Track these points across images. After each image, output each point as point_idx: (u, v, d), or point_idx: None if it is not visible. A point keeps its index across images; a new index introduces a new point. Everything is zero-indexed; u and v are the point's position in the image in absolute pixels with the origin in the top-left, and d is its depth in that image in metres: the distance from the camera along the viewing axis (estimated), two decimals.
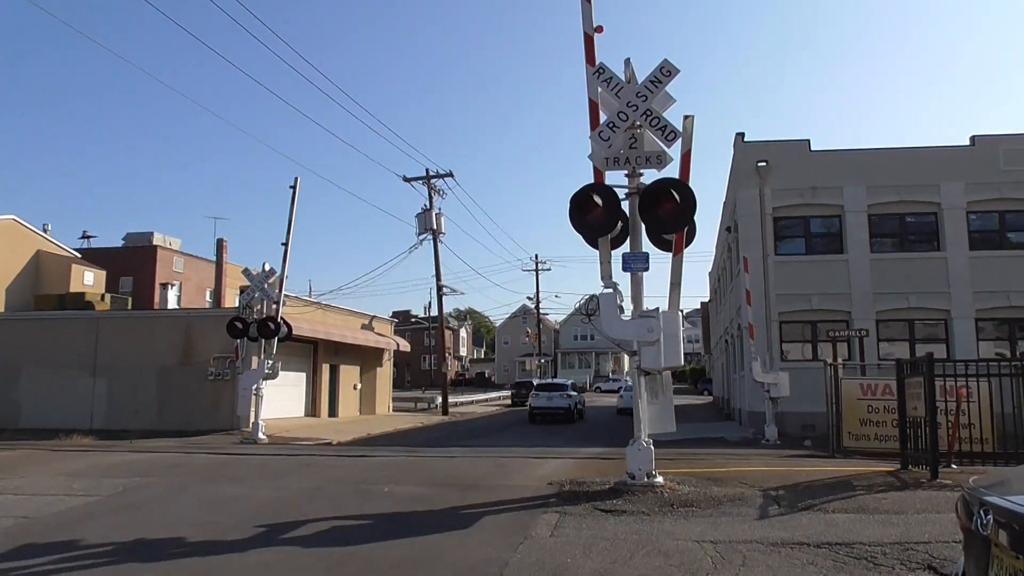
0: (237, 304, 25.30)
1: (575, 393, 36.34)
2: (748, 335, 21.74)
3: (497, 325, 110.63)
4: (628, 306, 9.76)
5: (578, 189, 9.19)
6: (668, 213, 9.19)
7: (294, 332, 28.97)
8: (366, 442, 25.21)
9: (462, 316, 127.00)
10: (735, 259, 28.64)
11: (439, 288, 40.89)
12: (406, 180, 40.66)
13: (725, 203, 32.71)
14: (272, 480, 11.64)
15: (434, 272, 40.84)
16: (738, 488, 9.53)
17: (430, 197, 40.30)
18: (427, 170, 40.51)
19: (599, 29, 10.13)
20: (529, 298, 70.26)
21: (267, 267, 24.12)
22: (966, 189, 24.39)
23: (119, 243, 56.72)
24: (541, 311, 71.19)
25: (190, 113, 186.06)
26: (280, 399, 30.52)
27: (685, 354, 18.01)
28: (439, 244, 40.47)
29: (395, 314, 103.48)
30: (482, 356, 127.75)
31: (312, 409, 33.07)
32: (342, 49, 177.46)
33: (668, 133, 9.42)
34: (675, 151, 9.89)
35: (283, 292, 23.74)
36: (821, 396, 17.05)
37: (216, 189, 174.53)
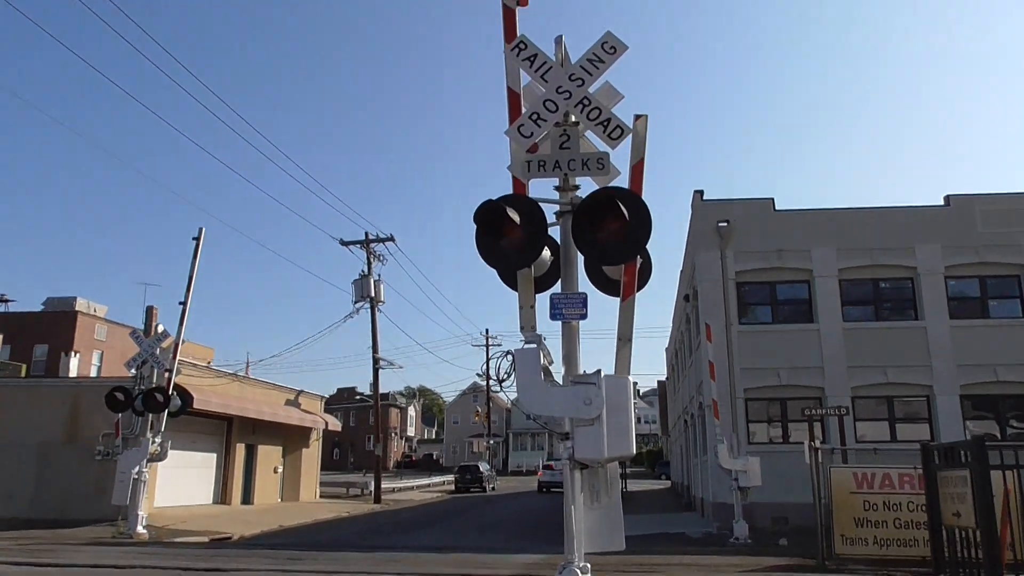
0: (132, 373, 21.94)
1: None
2: (712, 414, 18.98)
3: (447, 403, 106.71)
4: (559, 369, 6.91)
5: (485, 201, 6.41)
6: (614, 236, 6.45)
7: (204, 407, 25.62)
8: (275, 536, 21.70)
9: (412, 394, 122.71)
10: (695, 330, 26.12)
11: (375, 361, 37.68)
12: (343, 244, 37.91)
13: (683, 271, 30.40)
14: None
15: (371, 344, 37.71)
16: None
17: (368, 262, 37.50)
18: (366, 233, 37.78)
19: (522, 1, 7.56)
20: (479, 375, 67.11)
21: (160, 329, 20.98)
22: (943, 252, 22.34)
23: (39, 308, 52.99)
24: (492, 388, 67.94)
25: (121, 173, 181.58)
26: (184, 483, 26.86)
27: (639, 436, 15.06)
28: (378, 313, 37.50)
29: (340, 391, 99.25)
30: (432, 436, 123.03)
31: (223, 495, 29.26)
32: (283, 109, 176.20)
33: (612, 128, 6.75)
34: (623, 160, 7.27)
35: (178, 358, 20.53)
36: (794, 484, 14.53)
37: (150, 254, 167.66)
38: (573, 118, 7.14)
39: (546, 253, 7.38)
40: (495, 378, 6.82)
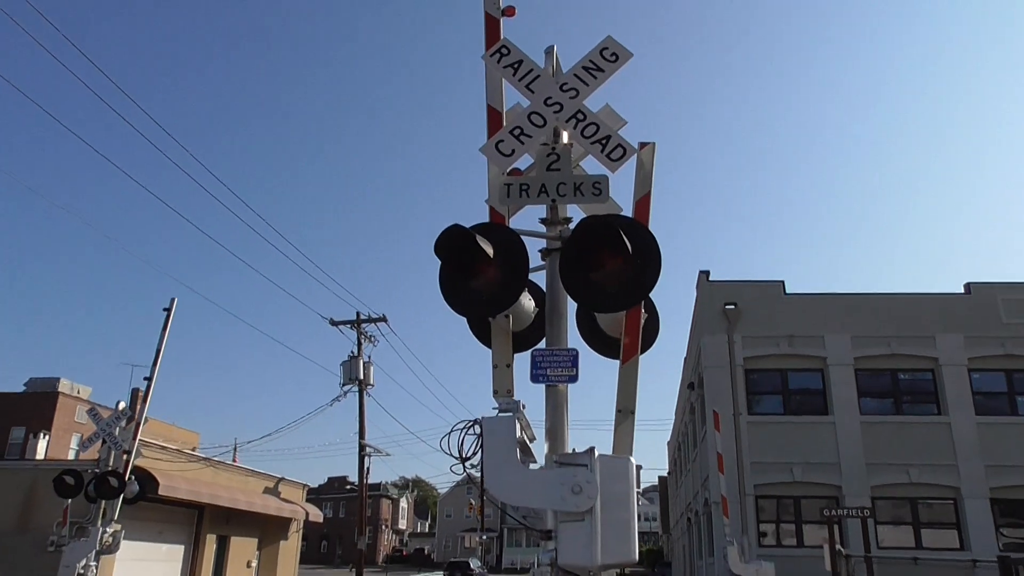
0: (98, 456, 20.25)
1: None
2: (720, 511, 17.20)
3: (441, 495, 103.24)
4: (540, 447, 5.44)
5: (449, 228, 5.05)
6: (613, 276, 5.10)
7: (171, 493, 23.71)
8: None
9: (405, 484, 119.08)
10: (700, 420, 24.47)
11: (361, 448, 35.73)
12: (333, 324, 36.45)
13: (687, 358, 28.93)
14: None
15: (358, 430, 35.86)
16: None
17: (359, 343, 36.01)
18: (357, 313, 36.41)
19: (508, 11, 6.41)
20: (474, 465, 64.53)
21: (120, 406, 19.35)
22: (965, 343, 20.95)
23: (21, 388, 51.41)
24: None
25: (109, 250, 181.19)
26: None
27: (640, 533, 13.17)
28: (367, 397, 35.81)
29: (332, 479, 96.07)
30: (425, 530, 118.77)
31: None
32: (279, 190, 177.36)
33: (612, 148, 5.45)
34: (624, 196, 6.01)
35: (149, 441, 18.90)
36: None
37: (140, 335, 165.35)
38: (565, 138, 5.89)
39: (529, 303, 6.01)
40: (455, 455, 5.30)
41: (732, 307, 21.52)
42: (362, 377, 35.24)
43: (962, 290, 21.74)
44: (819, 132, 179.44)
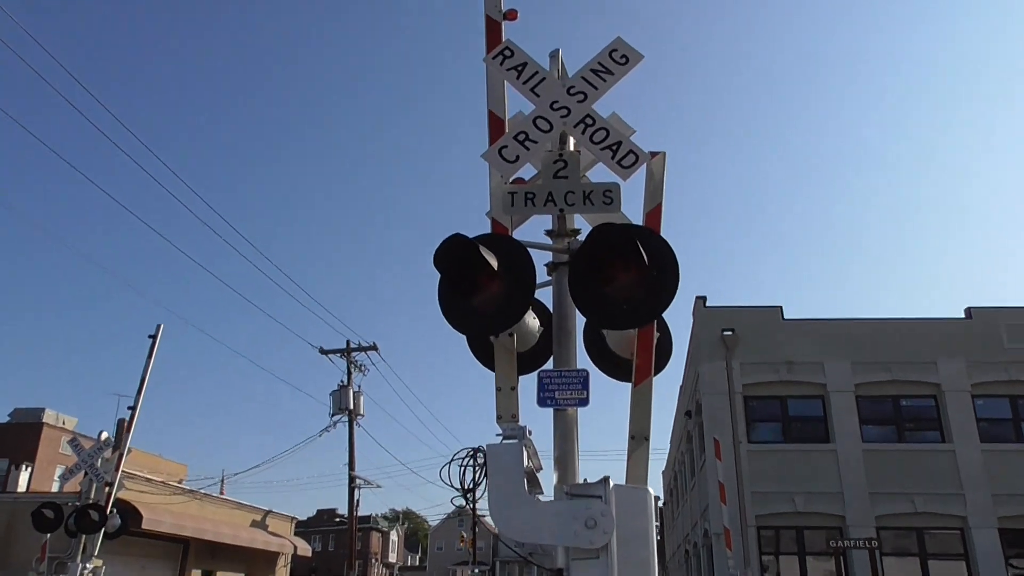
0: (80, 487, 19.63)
1: None
2: (723, 543, 16.68)
3: (432, 527, 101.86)
4: (549, 477, 5.01)
5: (450, 237, 4.65)
6: (627, 289, 4.72)
7: (155, 527, 23.06)
8: None
9: (395, 517, 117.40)
10: (698, 449, 23.99)
11: (351, 479, 35.01)
12: (323, 352, 35.89)
13: (683, 385, 28.50)
14: None
15: (348, 461, 35.15)
16: None
17: (348, 372, 35.46)
18: (347, 341, 35.91)
19: (510, 14, 6.08)
20: (460, 507, 63.45)
21: (103, 436, 18.81)
22: (968, 368, 20.61)
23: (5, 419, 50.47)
24: (479, 512, 64.27)
25: (101, 282, 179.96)
26: None
27: None
28: (356, 427, 35.18)
29: (321, 512, 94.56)
30: (416, 563, 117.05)
31: None
32: (278, 232, 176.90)
33: (623, 155, 5.08)
34: (634, 209, 5.65)
35: (134, 473, 18.32)
36: None
37: (131, 366, 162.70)
38: (572, 144, 5.53)
39: (533, 322, 5.62)
40: (454, 485, 4.86)
41: (730, 333, 21.15)
42: (352, 407, 34.66)
43: (963, 315, 21.45)
44: (817, 155, 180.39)
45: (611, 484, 4.40)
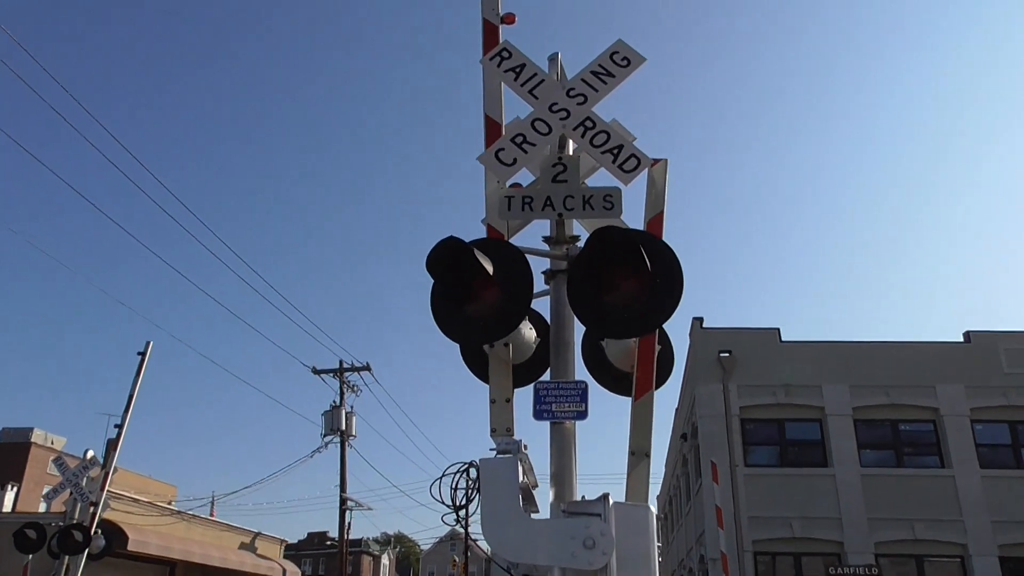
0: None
1: None
2: (720, 569, 16.36)
3: (423, 551, 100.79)
4: (546, 494, 4.76)
5: (444, 240, 4.44)
6: (629, 297, 4.51)
7: (142, 549, 22.66)
8: None
9: (387, 540, 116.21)
10: (693, 473, 23.71)
11: (342, 501, 34.57)
12: (316, 372, 35.63)
13: (678, 408, 28.23)
14: None
15: (339, 482, 34.72)
16: None
17: (341, 392, 35.14)
18: (340, 361, 35.61)
19: (508, 18, 5.92)
20: (451, 526, 62.89)
21: (89, 455, 18.48)
22: (967, 393, 20.43)
23: None
24: (472, 536, 63.53)
25: (89, 295, 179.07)
26: None
27: None
28: (349, 449, 34.78)
29: (311, 535, 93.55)
30: None
31: None
32: (268, 248, 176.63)
33: (625, 159, 4.89)
34: (634, 217, 5.45)
35: (120, 492, 17.96)
36: None
37: (120, 384, 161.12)
38: (571, 149, 5.35)
39: (530, 333, 5.40)
40: (446, 502, 4.61)
41: (727, 355, 20.96)
42: (344, 428, 34.31)
43: (961, 338, 21.30)
44: (818, 177, 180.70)
45: (611, 501, 4.17)
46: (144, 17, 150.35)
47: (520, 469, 4.32)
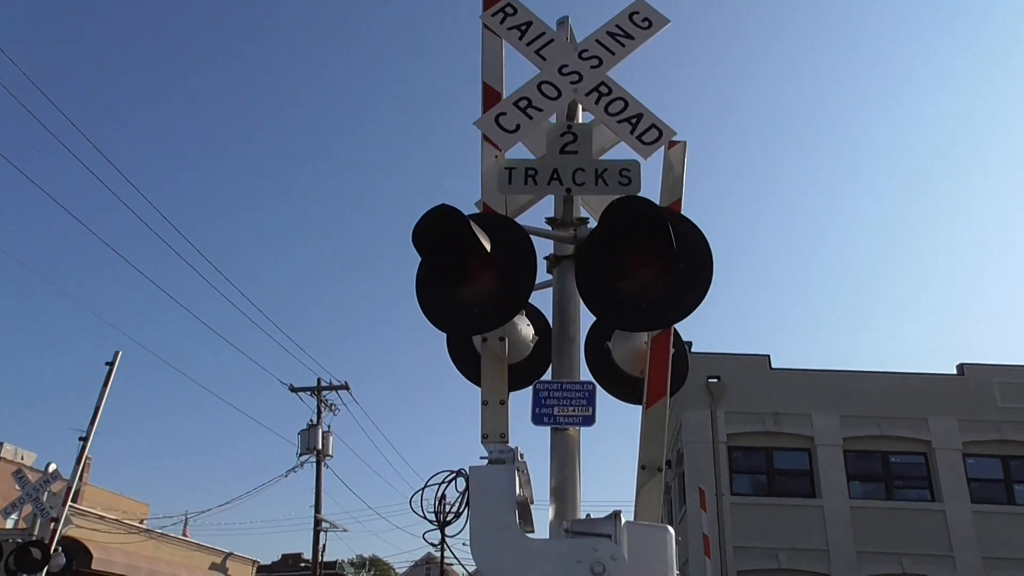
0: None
1: None
2: None
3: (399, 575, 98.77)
4: (546, 512, 4.10)
5: (436, 208, 3.78)
6: (651, 283, 3.89)
7: (107, 568, 21.71)
8: None
9: (362, 563, 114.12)
10: (678, 500, 23.02)
11: (317, 522, 33.53)
12: (293, 390, 34.68)
13: None
14: None
15: (314, 503, 33.71)
16: None
17: (318, 411, 34.23)
18: (318, 379, 34.73)
19: None
20: (434, 544, 61.39)
21: (51, 469, 17.57)
22: (960, 427, 19.98)
23: None
24: (447, 561, 62.17)
25: (63, 306, 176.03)
26: None
27: None
28: (325, 469, 33.81)
29: (286, 556, 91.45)
30: None
31: None
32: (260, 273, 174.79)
33: (645, 130, 4.26)
34: (650, 184, 4.84)
35: (84, 508, 17.12)
36: None
37: (92, 398, 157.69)
38: (581, 117, 4.73)
39: (527, 330, 4.74)
40: (428, 517, 3.93)
41: (715, 381, 20.43)
42: (321, 447, 33.40)
43: (955, 371, 20.89)
44: (809, 197, 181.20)
45: (623, 521, 3.49)
46: (117, 19, 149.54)
47: (516, 481, 3.65)
